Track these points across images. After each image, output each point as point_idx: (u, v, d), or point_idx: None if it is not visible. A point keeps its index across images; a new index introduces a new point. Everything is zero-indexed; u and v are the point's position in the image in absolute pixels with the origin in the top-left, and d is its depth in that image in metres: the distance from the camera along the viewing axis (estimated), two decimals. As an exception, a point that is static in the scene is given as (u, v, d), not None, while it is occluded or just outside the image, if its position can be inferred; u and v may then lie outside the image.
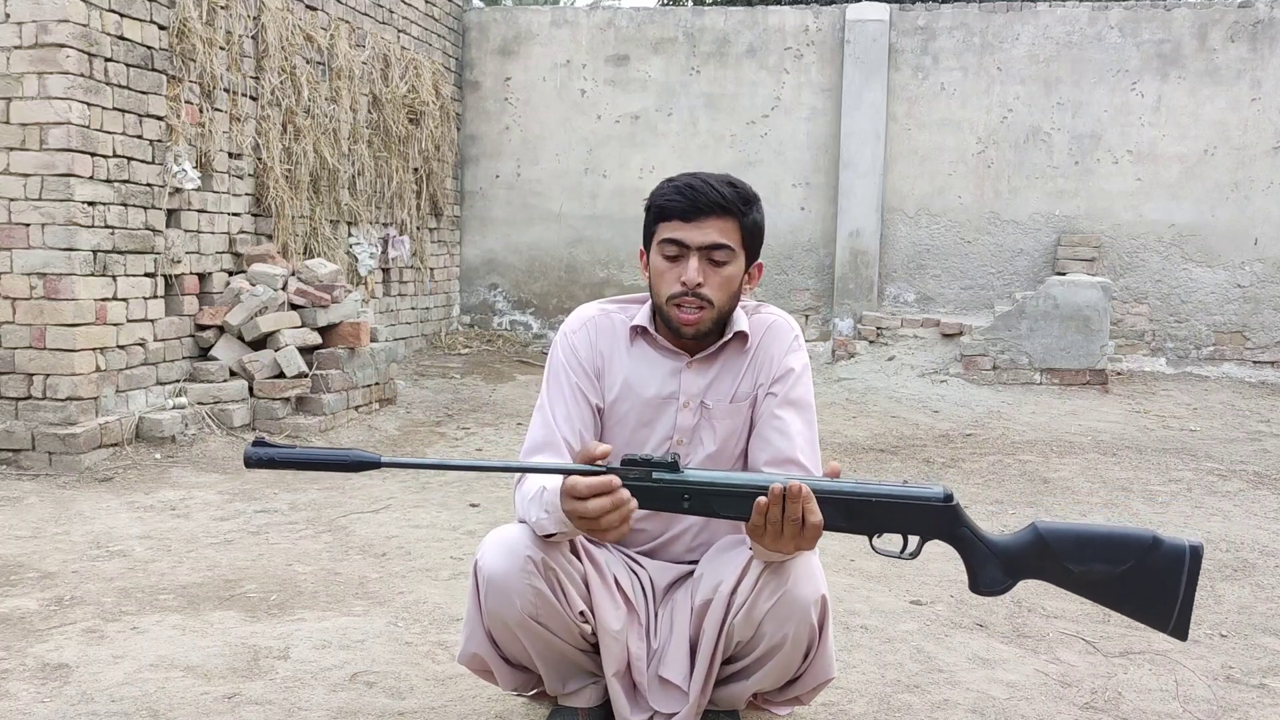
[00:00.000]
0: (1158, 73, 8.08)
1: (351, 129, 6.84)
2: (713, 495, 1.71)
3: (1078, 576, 1.73)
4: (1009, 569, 1.74)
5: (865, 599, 3.02)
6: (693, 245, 1.87)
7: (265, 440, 1.63)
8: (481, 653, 1.95)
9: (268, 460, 1.61)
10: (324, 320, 5.58)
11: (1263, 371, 8.02)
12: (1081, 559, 1.72)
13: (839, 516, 1.71)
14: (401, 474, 4.67)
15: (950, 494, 1.72)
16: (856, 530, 1.73)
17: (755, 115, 8.55)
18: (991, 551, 1.74)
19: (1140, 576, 1.70)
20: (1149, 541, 1.70)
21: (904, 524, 1.73)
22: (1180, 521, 4.07)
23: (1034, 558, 1.74)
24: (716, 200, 1.87)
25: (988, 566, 1.75)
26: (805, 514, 1.65)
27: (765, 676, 1.92)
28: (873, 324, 8.13)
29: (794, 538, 1.67)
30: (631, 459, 1.71)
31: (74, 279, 4.52)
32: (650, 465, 1.71)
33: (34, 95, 4.47)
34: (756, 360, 1.99)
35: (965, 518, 1.74)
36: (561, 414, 1.96)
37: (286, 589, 3.03)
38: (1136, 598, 1.72)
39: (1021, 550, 1.74)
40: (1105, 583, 1.72)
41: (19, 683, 2.33)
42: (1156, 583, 1.69)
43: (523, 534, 1.85)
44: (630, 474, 1.70)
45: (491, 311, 9.01)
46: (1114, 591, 1.73)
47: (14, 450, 4.52)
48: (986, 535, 1.75)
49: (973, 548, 1.75)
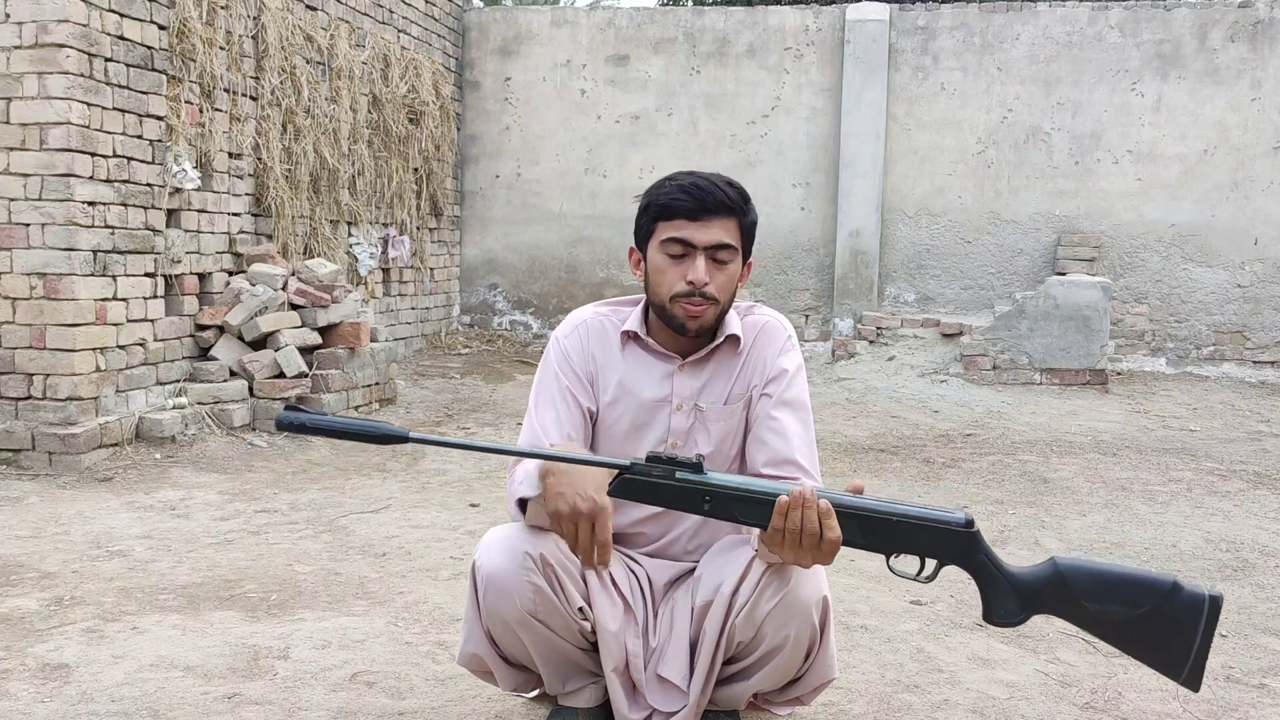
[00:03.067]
0: (1158, 73, 8.08)
1: (351, 129, 6.84)
2: (735, 500, 1.70)
3: (1094, 616, 1.71)
4: (1025, 602, 1.73)
5: (865, 599, 3.02)
6: (699, 245, 1.87)
7: (297, 405, 1.66)
8: (481, 653, 1.95)
9: (298, 425, 1.62)
10: (324, 320, 5.58)
11: (1263, 371, 8.02)
12: (1099, 599, 1.70)
13: (858, 534, 1.70)
14: (402, 474, 4.67)
15: (972, 520, 1.71)
16: (874, 549, 1.72)
17: (755, 115, 8.55)
18: (1009, 583, 1.73)
19: (1156, 622, 1.68)
20: (1168, 587, 1.68)
21: (923, 547, 1.72)
22: (1180, 521, 4.07)
23: (1051, 593, 1.72)
24: (722, 200, 1.88)
25: (1004, 598, 1.73)
26: (824, 529, 1.65)
27: (766, 677, 1.91)
28: (873, 324, 8.13)
29: (812, 550, 1.67)
30: (656, 456, 1.70)
31: (74, 279, 4.52)
32: (675, 464, 1.70)
33: (34, 95, 4.47)
34: (750, 362, 1.99)
35: (985, 546, 1.73)
36: (550, 418, 1.96)
37: (286, 589, 3.03)
38: (1151, 643, 1.70)
39: (1039, 584, 1.73)
40: (1121, 625, 1.70)
41: (19, 683, 2.33)
42: (1173, 630, 1.67)
43: (520, 532, 1.85)
44: (654, 471, 1.70)
45: (491, 311, 9.01)
46: (1128, 635, 1.71)
47: (14, 450, 4.52)
48: (1005, 566, 1.74)
49: (990, 577, 1.73)
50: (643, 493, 1.72)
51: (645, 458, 1.70)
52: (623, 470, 1.72)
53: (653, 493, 1.71)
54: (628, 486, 1.72)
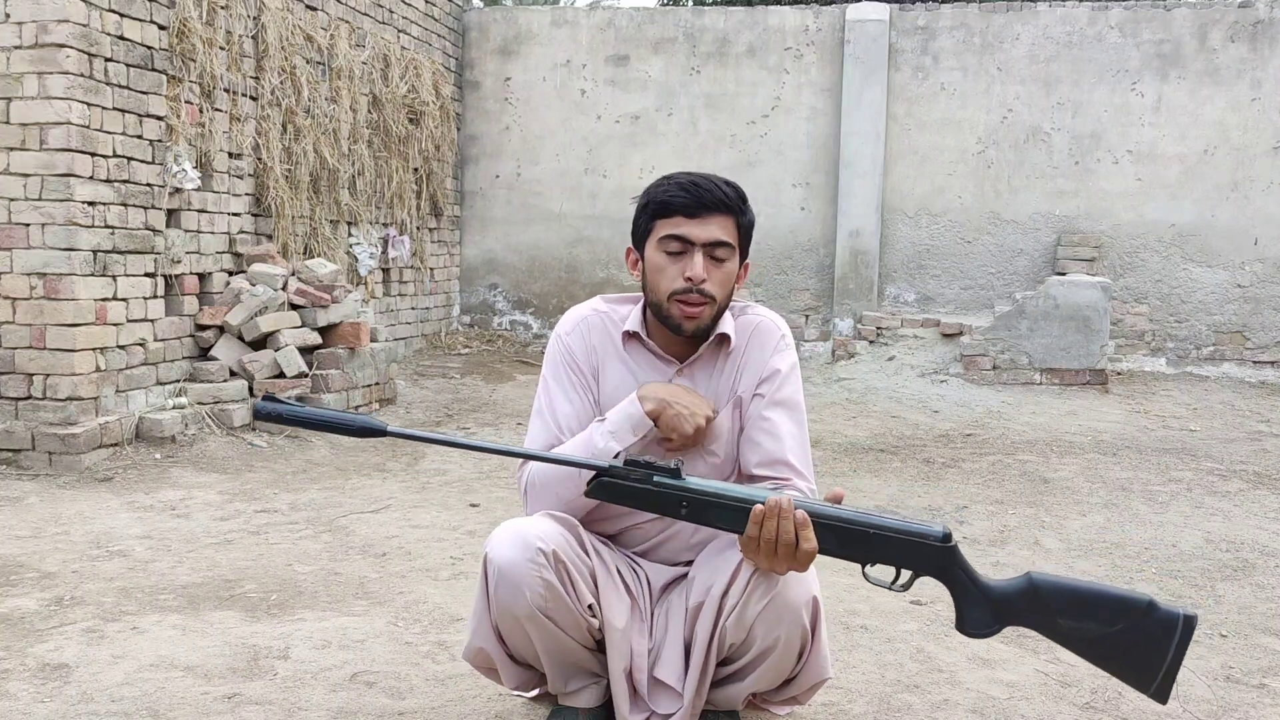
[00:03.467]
0: (1158, 73, 8.08)
1: (351, 129, 6.84)
2: (710, 505, 1.71)
3: (1067, 631, 1.72)
4: (998, 614, 1.74)
5: (865, 599, 3.02)
6: (698, 241, 1.88)
7: (275, 396, 1.69)
8: (488, 648, 1.95)
9: (275, 415, 1.67)
10: (324, 320, 5.58)
11: (1263, 371, 8.02)
12: (1074, 615, 1.71)
13: (834, 543, 1.70)
14: (402, 474, 4.67)
15: (949, 534, 1.72)
16: (850, 558, 1.72)
17: (755, 115, 8.55)
18: (983, 595, 1.74)
19: (1130, 639, 1.69)
20: (1143, 606, 1.70)
21: (899, 558, 1.73)
22: (1180, 521, 4.07)
23: (1025, 606, 1.74)
24: (720, 198, 1.89)
25: (977, 609, 1.74)
26: (800, 539, 1.66)
27: (760, 678, 1.92)
28: (873, 324, 8.13)
29: (787, 559, 1.68)
30: (635, 461, 1.71)
31: (74, 279, 4.52)
32: (652, 469, 1.70)
33: (34, 95, 4.47)
34: (744, 362, 2.00)
35: (961, 559, 1.74)
36: (565, 410, 1.97)
37: (286, 589, 3.03)
38: (1123, 659, 1.71)
39: (1012, 597, 1.74)
40: (1094, 641, 1.71)
41: (19, 683, 2.33)
42: (1147, 647, 1.68)
43: (532, 526, 1.86)
44: (631, 475, 1.70)
45: (491, 311, 9.01)
46: (1101, 650, 1.72)
47: (14, 450, 4.52)
48: (980, 578, 1.75)
49: (964, 589, 1.74)
50: (620, 495, 1.74)
51: (624, 461, 1.71)
52: (600, 472, 1.73)
53: (630, 496, 1.72)
54: (605, 489, 1.73)
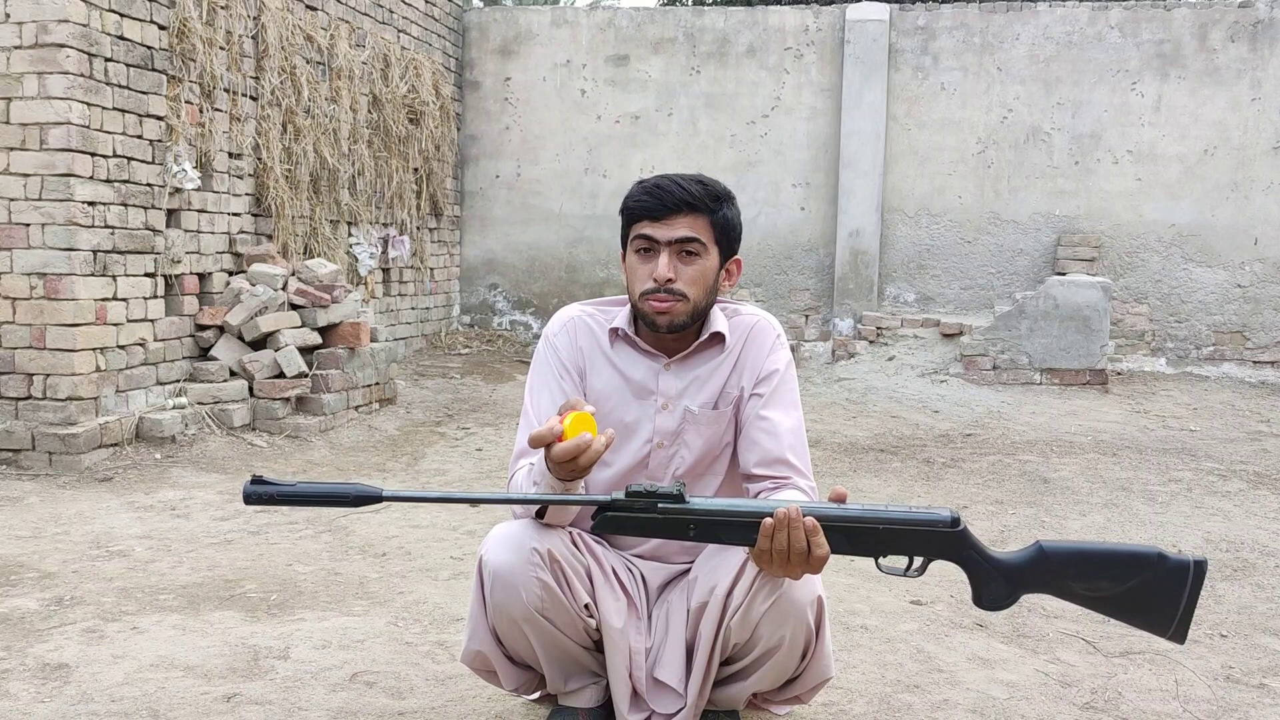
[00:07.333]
0: (1158, 73, 8.08)
1: (351, 129, 6.84)
2: (718, 524, 1.71)
3: (1082, 593, 1.75)
4: (1013, 586, 1.76)
5: (865, 599, 3.02)
6: (661, 240, 1.91)
7: (263, 478, 1.62)
8: (485, 650, 1.95)
9: (266, 498, 1.61)
10: (324, 320, 5.58)
11: (1263, 371, 8.02)
12: (1086, 577, 1.74)
13: (845, 543, 1.71)
14: (402, 474, 4.67)
15: (958, 517, 1.73)
16: (862, 554, 1.73)
17: (755, 115, 8.55)
18: (997, 569, 1.76)
19: (1145, 592, 1.72)
20: (1154, 559, 1.72)
21: (910, 547, 1.74)
22: (1180, 521, 4.07)
23: (1038, 575, 1.76)
24: (684, 198, 1.91)
25: (992, 584, 1.76)
26: (812, 546, 1.66)
27: (763, 677, 1.92)
28: (873, 324, 8.13)
29: (800, 565, 1.68)
30: (637, 490, 1.70)
31: (74, 279, 4.52)
32: (655, 496, 1.70)
33: (34, 95, 4.47)
34: (739, 362, 2.01)
35: (971, 539, 1.75)
36: (550, 412, 1.96)
37: (286, 589, 3.03)
38: (1140, 611, 1.74)
39: (1026, 568, 1.76)
40: (1110, 599, 1.75)
41: (19, 683, 2.33)
42: (1161, 598, 1.72)
43: (526, 528, 1.86)
44: (635, 505, 1.70)
45: (491, 311, 9.01)
46: (1118, 606, 1.75)
47: (14, 450, 4.52)
48: (991, 554, 1.76)
49: (978, 567, 1.76)
50: (626, 527, 1.73)
51: (626, 492, 1.70)
52: (604, 507, 1.72)
53: (636, 526, 1.72)
54: (611, 523, 1.72)
